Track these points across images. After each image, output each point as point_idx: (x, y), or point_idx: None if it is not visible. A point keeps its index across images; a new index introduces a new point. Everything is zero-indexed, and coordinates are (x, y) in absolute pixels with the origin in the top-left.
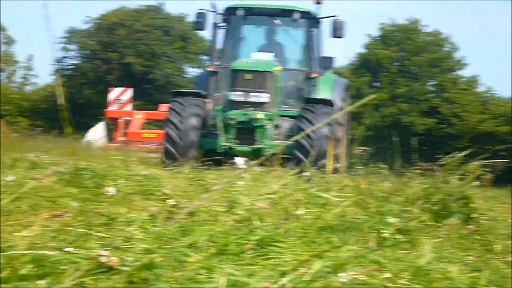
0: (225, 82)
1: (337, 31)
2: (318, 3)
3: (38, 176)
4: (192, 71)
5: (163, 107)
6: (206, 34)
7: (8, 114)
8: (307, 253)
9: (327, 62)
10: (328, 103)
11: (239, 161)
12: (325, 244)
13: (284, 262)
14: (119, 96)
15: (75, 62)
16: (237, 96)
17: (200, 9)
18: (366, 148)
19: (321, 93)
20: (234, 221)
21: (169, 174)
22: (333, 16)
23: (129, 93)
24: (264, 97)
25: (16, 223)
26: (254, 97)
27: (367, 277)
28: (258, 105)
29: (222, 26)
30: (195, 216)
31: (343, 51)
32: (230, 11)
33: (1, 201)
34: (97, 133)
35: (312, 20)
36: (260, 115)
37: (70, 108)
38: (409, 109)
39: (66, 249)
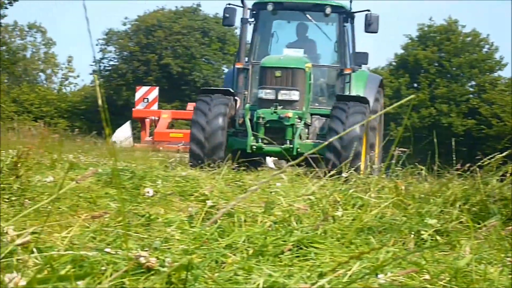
0: (254, 79)
1: (370, 26)
2: None
3: (77, 177)
4: None
5: (191, 106)
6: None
7: (47, 115)
8: (345, 255)
9: (361, 58)
10: (361, 100)
11: (269, 161)
12: (364, 245)
13: (322, 263)
14: (146, 95)
15: (114, 63)
16: (266, 94)
17: (228, 4)
18: (404, 149)
19: (354, 90)
20: (272, 222)
21: (207, 175)
22: (367, 10)
23: (155, 92)
24: (294, 95)
25: (55, 223)
26: (284, 95)
27: (406, 279)
28: (288, 103)
29: (251, 21)
30: (233, 217)
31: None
32: (259, 6)
33: (40, 202)
34: (123, 133)
35: (344, 14)
36: (290, 113)
37: (108, 109)
38: (448, 110)
39: (105, 250)
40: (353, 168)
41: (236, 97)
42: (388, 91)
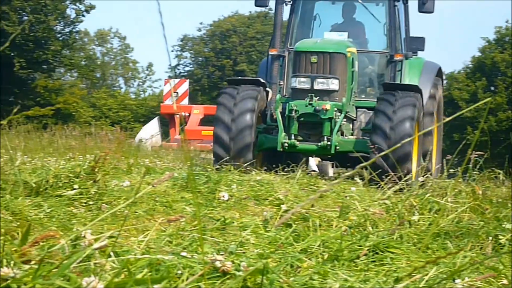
0: (291, 67)
1: (425, 5)
2: None
3: (153, 181)
4: None
5: None
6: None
7: (124, 120)
8: (422, 259)
9: (417, 44)
10: (412, 88)
11: (312, 162)
12: (440, 250)
13: (398, 268)
14: (175, 89)
15: (189, 68)
16: (300, 82)
17: None
18: (481, 152)
19: (406, 79)
20: (347, 226)
21: (281, 179)
22: None
23: (186, 85)
24: (333, 84)
25: (132, 227)
26: (320, 84)
27: (483, 284)
28: (326, 94)
29: (288, 1)
30: (308, 221)
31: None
32: None
33: (117, 206)
34: (149, 131)
35: None
36: (327, 105)
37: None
38: None
39: (181, 254)
40: (402, 171)
41: (267, 88)
42: (464, 94)
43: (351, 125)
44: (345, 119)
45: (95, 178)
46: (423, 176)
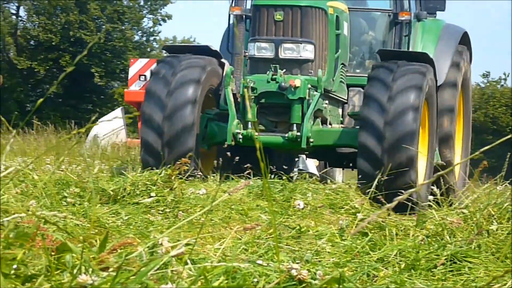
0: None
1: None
2: None
3: (229, 189)
4: None
5: None
6: None
7: None
8: (500, 269)
9: (435, 2)
10: (420, 58)
11: (309, 162)
12: None
13: (476, 278)
14: (142, 71)
15: None
16: (260, 49)
17: None
18: None
19: (418, 47)
20: (424, 236)
21: (357, 188)
22: None
23: (155, 66)
24: (306, 51)
25: (208, 235)
26: (288, 51)
27: None
28: (296, 65)
29: None
30: (384, 230)
31: None
32: None
33: (194, 214)
34: (111, 124)
35: None
36: (297, 80)
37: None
38: None
39: (257, 262)
40: (400, 181)
41: (223, 60)
42: None
43: (340, 110)
44: (327, 101)
45: (172, 186)
46: (439, 190)
